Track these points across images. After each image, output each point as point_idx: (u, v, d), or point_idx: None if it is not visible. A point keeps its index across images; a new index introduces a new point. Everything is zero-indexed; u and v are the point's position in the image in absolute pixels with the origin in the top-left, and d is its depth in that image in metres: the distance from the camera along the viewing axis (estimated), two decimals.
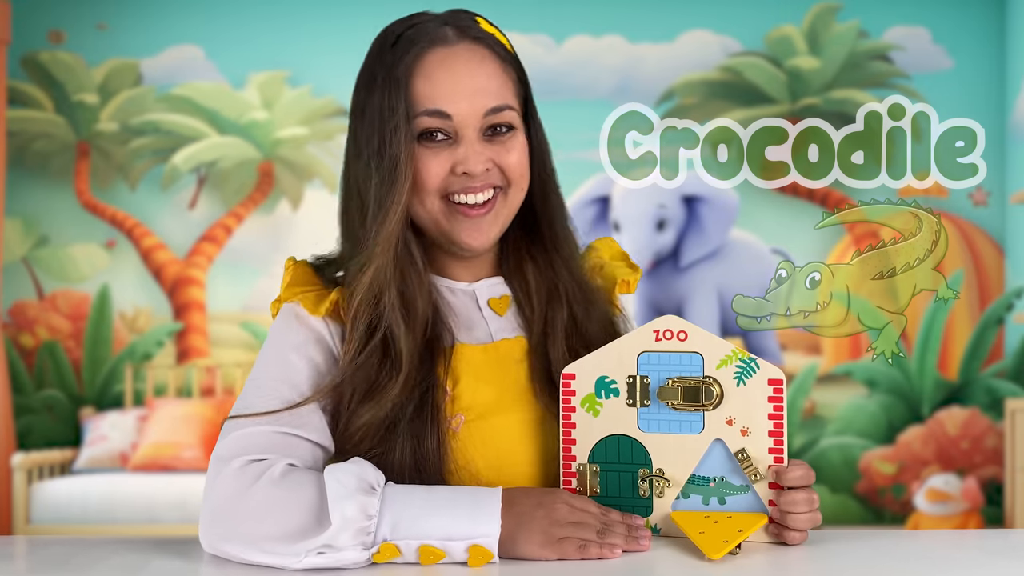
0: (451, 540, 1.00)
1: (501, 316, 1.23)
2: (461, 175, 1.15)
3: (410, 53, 1.14)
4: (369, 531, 0.99)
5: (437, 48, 1.15)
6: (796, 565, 1.00)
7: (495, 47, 1.18)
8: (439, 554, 1.00)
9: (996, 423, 5.27)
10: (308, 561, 0.99)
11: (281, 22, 5.53)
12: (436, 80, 1.14)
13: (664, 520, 1.10)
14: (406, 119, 1.13)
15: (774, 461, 1.06)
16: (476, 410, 1.15)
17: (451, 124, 1.14)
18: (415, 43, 1.15)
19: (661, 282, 5.35)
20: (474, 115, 1.14)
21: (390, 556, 1.00)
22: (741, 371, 1.07)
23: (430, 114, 1.14)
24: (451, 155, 1.15)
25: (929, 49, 5.45)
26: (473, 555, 1.00)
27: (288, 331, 1.16)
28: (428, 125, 1.14)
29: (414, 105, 1.14)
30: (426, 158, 1.14)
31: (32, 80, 5.51)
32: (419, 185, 1.15)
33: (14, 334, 5.44)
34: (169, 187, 5.53)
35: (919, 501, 5.03)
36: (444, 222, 1.17)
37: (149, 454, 4.90)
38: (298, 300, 1.17)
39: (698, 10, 5.49)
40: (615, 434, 1.11)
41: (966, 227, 5.42)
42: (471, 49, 1.16)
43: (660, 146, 1.22)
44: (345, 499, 0.99)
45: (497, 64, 1.17)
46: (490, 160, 1.16)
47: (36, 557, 1.07)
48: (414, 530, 1.00)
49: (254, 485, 1.02)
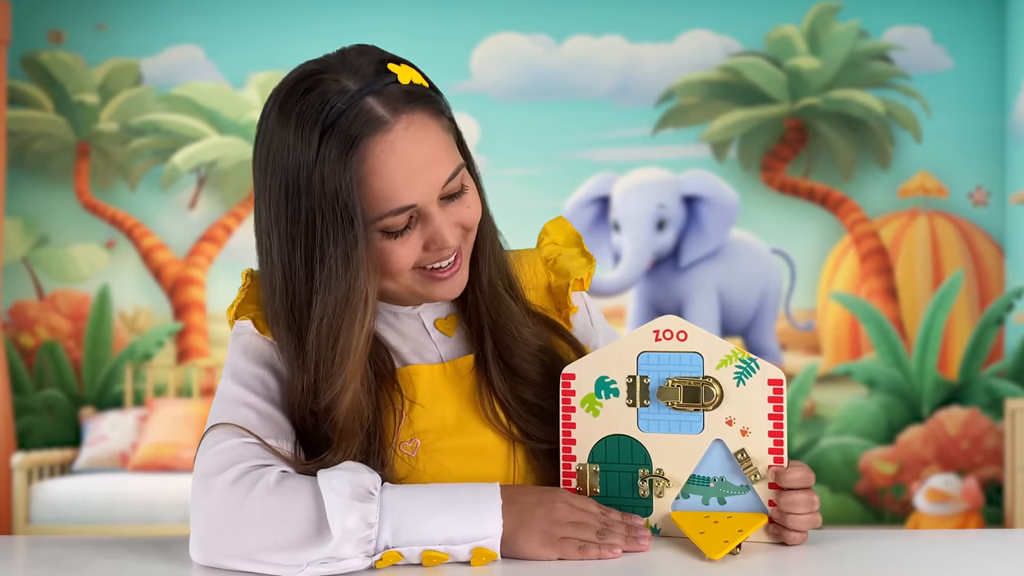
0: (454, 544, 1.00)
1: (450, 337, 1.20)
2: (436, 250, 1.09)
3: (350, 154, 1.01)
4: (371, 539, 0.99)
5: (376, 136, 1.02)
6: (796, 565, 1.00)
7: (428, 102, 1.07)
8: (442, 557, 1.00)
9: (996, 423, 5.27)
10: (310, 571, 0.98)
11: (281, 22, 5.53)
12: (388, 175, 1.03)
13: (664, 520, 1.10)
14: (364, 228, 1.03)
15: (774, 461, 1.06)
16: (434, 432, 1.13)
17: (415, 211, 1.06)
18: (348, 137, 1.02)
19: (661, 282, 5.35)
20: (433, 190, 1.06)
21: (393, 562, 1.00)
22: (741, 371, 1.07)
23: (394, 214, 1.04)
24: (420, 235, 1.08)
25: (929, 49, 5.45)
26: (476, 556, 1.00)
27: (244, 351, 1.14)
28: (391, 225, 1.05)
29: (370, 211, 1.04)
30: (395, 248, 1.06)
31: (32, 80, 5.52)
32: (391, 271, 1.08)
33: (14, 334, 5.44)
34: (169, 187, 5.54)
35: (919, 501, 5.03)
36: (419, 288, 1.11)
37: (149, 454, 4.90)
38: (250, 319, 1.15)
39: (698, 10, 5.49)
40: (615, 434, 1.11)
41: (966, 227, 5.42)
42: (410, 121, 1.04)
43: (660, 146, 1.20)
44: (344, 510, 0.98)
45: (436, 125, 1.07)
46: (457, 229, 1.10)
47: (36, 557, 1.07)
48: (416, 535, 1.00)
49: (250, 494, 1.00)
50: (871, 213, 5.43)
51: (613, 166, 5.41)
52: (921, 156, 5.43)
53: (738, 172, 5.45)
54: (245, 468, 1.02)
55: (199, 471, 1.03)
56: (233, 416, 1.08)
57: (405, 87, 1.05)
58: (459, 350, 1.19)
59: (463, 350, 1.19)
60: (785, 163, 5.46)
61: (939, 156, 5.42)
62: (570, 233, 1.29)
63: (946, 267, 5.42)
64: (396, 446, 1.11)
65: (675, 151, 5.47)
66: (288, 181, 1.03)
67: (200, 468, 1.03)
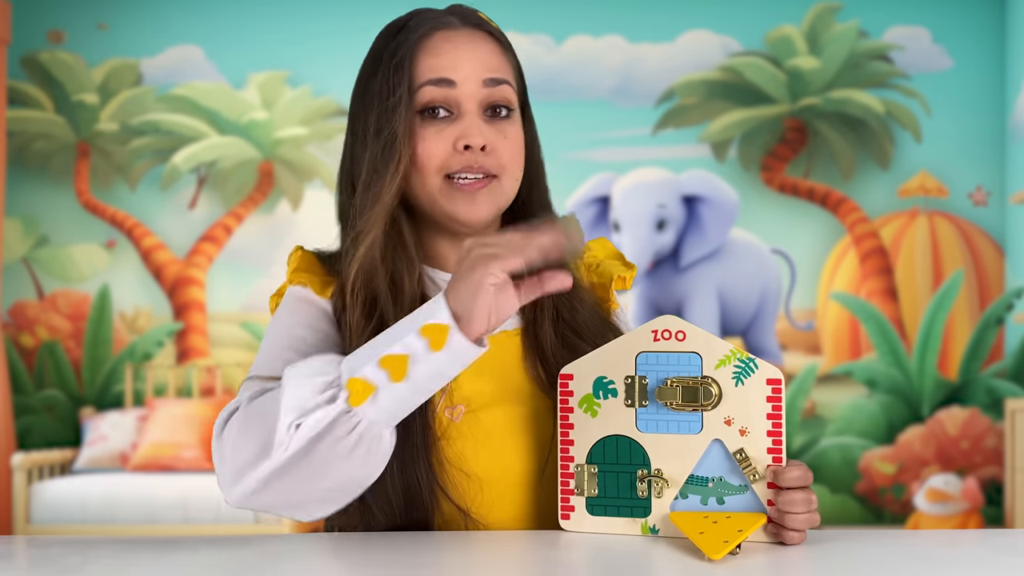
0: (404, 337, 0.97)
1: None
2: (463, 150, 1.14)
3: (414, 35, 1.16)
4: (334, 384, 0.97)
5: (440, 30, 1.17)
6: (796, 565, 1.00)
7: (497, 35, 1.20)
8: (402, 358, 0.96)
9: (996, 423, 5.27)
10: (295, 443, 0.96)
11: (281, 22, 5.54)
12: (439, 53, 1.15)
13: (663, 521, 1.10)
14: (408, 93, 1.14)
15: (772, 461, 1.06)
16: (476, 401, 1.14)
17: (454, 93, 1.15)
18: (419, 28, 1.17)
19: (661, 282, 5.35)
20: (475, 82, 1.15)
21: (364, 392, 0.96)
22: (740, 371, 1.07)
23: (434, 83, 1.14)
24: (452, 131, 1.15)
25: (929, 49, 5.45)
26: (431, 337, 0.96)
27: (296, 310, 1.17)
28: (431, 96, 1.14)
29: (417, 78, 1.15)
30: (428, 135, 1.15)
31: (32, 80, 5.52)
32: (420, 163, 1.15)
33: (14, 334, 5.45)
34: (169, 187, 5.54)
35: (919, 501, 5.03)
36: (442, 199, 1.16)
37: (149, 454, 4.90)
38: (304, 283, 1.18)
39: (698, 10, 5.49)
40: (613, 434, 1.11)
41: (966, 227, 5.42)
42: (473, 32, 1.18)
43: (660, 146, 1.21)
44: (301, 368, 0.99)
45: (498, 47, 1.19)
46: (488, 141, 1.16)
47: (36, 557, 1.07)
48: (369, 354, 0.97)
49: (226, 424, 1.02)
50: (871, 213, 5.43)
51: (613, 166, 5.41)
52: (921, 156, 5.43)
53: (738, 172, 5.45)
54: (235, 405, 1.05)
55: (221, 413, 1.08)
56: (276, 360, 1.11)
57: (486, 21, 1.20)
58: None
59: (509, 322, 1.21)
60: (785, 163, 5.46)
61: (939, 156, 5.42)
62: (611, 250, 1.35)
63: (946, 267, 5.42)
64: (440, 412, 1.13)
65: (675, 151, 5.47)
66: (366, 69, 1.19)
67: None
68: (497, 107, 1.17)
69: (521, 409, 1.17)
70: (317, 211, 5.51)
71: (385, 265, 1.16)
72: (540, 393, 1.18)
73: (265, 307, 5.42)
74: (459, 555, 1.05)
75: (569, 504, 1.12)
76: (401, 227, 1.18)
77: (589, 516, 1.11)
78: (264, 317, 5.44)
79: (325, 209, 5.51)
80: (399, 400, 0.98)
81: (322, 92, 5.53)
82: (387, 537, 1.10)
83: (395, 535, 1.11)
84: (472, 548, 1.07)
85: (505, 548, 1.07)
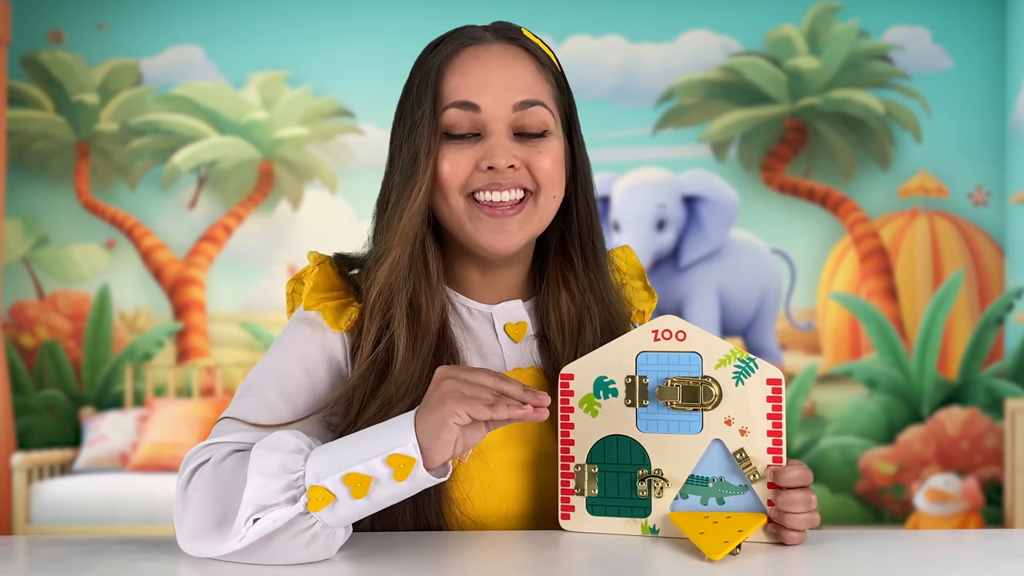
0: (370, 459, 0.96)
1: (516, 343, 1.20)
2: (486, 170, 1.12)
3: (444, 51, 1.14)
4: (297, 485, 0.96)
5: (471, 46, 1.14)
6: (796, 565, 1.00)
7: (534, 51, 1.16)
8: (365, 479, 0.96)
9: (996, 423, 5.27)
10: (251, 534, 0.96)
11: (281, 22, 5.53)
12: (466, 73, 1.13)
13: (663, 521, 1.10)
14: (432, 112, 1.12)
15: (772, 461, 1.06)
16: (483, 442, 1.11)
17: (479, 117, 1.12)
18: (451, 43, 1.15)
19: (661, 282, 5.35)
20: (503, 106, 1.12)
21: (324, 500, 0.96)
22: (740, 371, 1.07)
23: (458, 106, 1.11)
24: (477, 150, 1.12)
25: (929, 49, 5.45)
26: (396, 467, 0.96)
27: (301, 340, 1.14)
28: (455, 119, 1.12)
29: (442, 99, 1.12)
30: (450, 152, 1.12)
31: (32, 80, 5.52)
32: (442, 181, 1.12)
33: (14, 334, 5.45)
34: (169, 187, 5.54)
35: (919, 501, 5.03)
36: (468, 223, 1.13)
37: (149, 454, 4.90)
38: (320, 311, 1.14)
39: (698, 10, 5.49)
40: (614, 434, 1.11)
41: (966, 227, 5.42)
42: (506, 48, 1.15)
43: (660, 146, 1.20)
44: (268, 458, 0.97)
45: (532, 64, 1.15)
46: (518, 159, 1.12)
47: (36, 557, 1.07)
48: (335, 465, 0.96)
49: (191, 478, 1.01)
50: (871, 213, 5.43)
51: (613, 166, 5.41)
52: (921, 156, 5.42)
53: (738, 172, 5.45)
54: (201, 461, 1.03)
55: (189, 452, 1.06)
56: (259, 404, 1.09)
57: (524, 36, 1.17)
58: (524, 358, 1.19)
59: (526, 360, 1.19)
60: (785, 163, 5.46)
61: (939, 156, 5.42)
62: (634, 264, 1.32)
63: (946, 267, 5.42)
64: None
65: (675, 151, 5.47)
66: (405, 87, 1.17)
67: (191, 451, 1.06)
68: (530, 130, 1.13)
69: (526, 452, 1.15)
70: (317, 211, 5.51)
71: (406, 288, 1.13)
72: (548, 435, 1.16)
73: (265, 307, 5.42)
74: (460, 555, 1.05)
75: (569, 504, 1.12)
76: (427, 251, 1.15)
77: (589, 516, 1.11)
78: (264, 317, 5.44)
79: (325, 209, 5.51)
80: (357, 512, 0.98)
81: (322, 92, 5.53)
82: (388, 537, 1.10)
83: (396, 535, 1.11)
84: (472, 548, 1.07)
85: (505, 548, 1.07)
